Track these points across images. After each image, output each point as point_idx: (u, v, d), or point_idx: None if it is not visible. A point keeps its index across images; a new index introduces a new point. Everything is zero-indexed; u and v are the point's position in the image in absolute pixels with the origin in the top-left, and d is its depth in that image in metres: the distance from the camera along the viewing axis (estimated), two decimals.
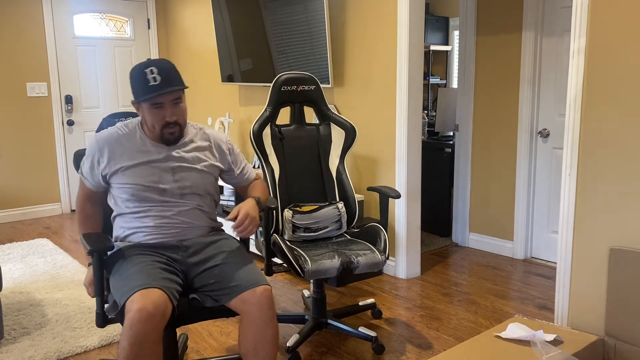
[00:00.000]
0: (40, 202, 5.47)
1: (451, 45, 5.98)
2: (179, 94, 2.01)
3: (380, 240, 2.61)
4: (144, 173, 2.04)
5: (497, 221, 4.07)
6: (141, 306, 1.75)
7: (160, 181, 2.06)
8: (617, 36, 1.96)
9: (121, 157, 2.04)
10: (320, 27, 3.80)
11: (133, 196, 2.04)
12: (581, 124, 2.13)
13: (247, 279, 1.97)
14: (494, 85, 3.96)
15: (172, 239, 2.09)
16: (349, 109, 3.87)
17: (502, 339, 1.93)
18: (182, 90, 2.01)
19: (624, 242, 1.99)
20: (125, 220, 2.11)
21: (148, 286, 1.82)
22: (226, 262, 2.04)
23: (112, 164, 2.04)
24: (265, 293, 1.93)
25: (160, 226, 2.07)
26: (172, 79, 1.97)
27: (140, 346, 1.76)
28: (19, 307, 3.16)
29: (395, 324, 2.93)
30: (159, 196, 2.05)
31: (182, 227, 2.11)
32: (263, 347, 1.94)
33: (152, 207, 2.06)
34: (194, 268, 2.06)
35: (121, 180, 2.04)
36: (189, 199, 2.11)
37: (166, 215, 2.07)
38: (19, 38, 5.20)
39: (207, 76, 5.45)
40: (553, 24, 3.63)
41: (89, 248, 1.91)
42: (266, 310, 1.93)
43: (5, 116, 5.21)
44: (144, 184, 2.03)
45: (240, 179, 2.32)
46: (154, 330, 1.78)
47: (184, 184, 2.09)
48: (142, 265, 1.94)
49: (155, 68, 1.95)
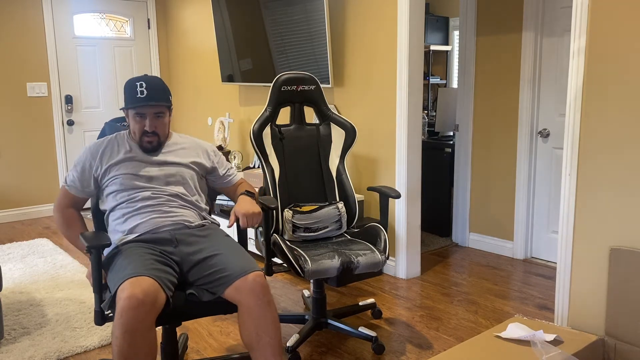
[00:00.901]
0: (40, 202, 5.47)
1: (451, 45, 5.98)
2: (161, 109, 2.23)
3: (380, 240, 2.61)
4: (132, 165, 2.23)
5: (497, 221, 4.07)
6: (130, 293, 1.76)
7: (147, 171, 2.24)
8: (617, 36, 1.96)
9: (111, 157, 2.24)
10: (320, 27, 3.80)
11: (122, 185, 2.19)
12: (581, 124, 2.13)
13: (238, 266, 1.99)
14: (494, 85, 3.96)
15: (165, 231, 2.14)
16: (349, 109, 3.87)
17: (502, 339, 1.93)
18: (164, 106, 2.23)
19: (624, 242, 1.99)
20: (117, 215, 2.18)
21: (138, 274, 1.84)
22: (217, 253, 2.07)
23: (103, 164, 2.23)
24: (256, 279, 1.95)
25: (151, 211, 2.16)
26: (157, 96, 2.20)
27: (132, 334, 1.76)
28: (19, 307, 3.17)
29: (395, 324, 2.93)
30: (147, 183, 2.21)
31: (173, 214, 2.18)
32: (265, 333, 1.95)
33: (140, 191, 2.19)
34: (188, 259, 2.08)
35: (111, 174, 2.21)
36: (176, 186, 2.26)
37: (155, 199, 2.19)
38: (19, 38, 5.20)
39: (207, 76, 5.45)
40: (553, 24, 3.63)
41: (87, 245, 1.96)
42: (261, 296, 1.94)
43: (5, 116, 5.21)
44: (131, 173, 2.21)
45: (225, 180, 2.46)
46: (145, 317, 1.78)
47: (169, 171, 2.26)
48: (135, 257, 1.98)
49: (145, 83, 2.19)
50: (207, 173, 2.42)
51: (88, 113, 5.67)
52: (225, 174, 2.46)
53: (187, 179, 2.29)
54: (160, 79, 2.27)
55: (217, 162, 2.43)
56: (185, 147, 2.37)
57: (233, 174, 2.49)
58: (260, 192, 2.80)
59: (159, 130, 2.25)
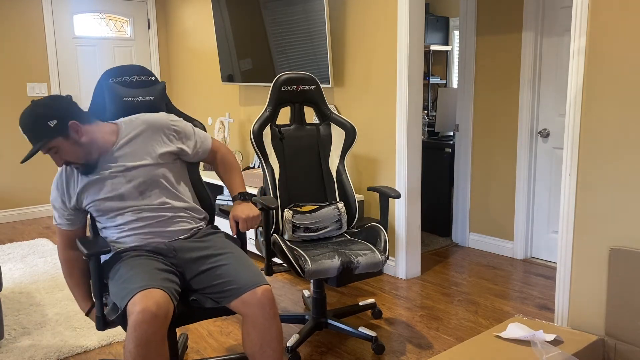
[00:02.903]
0: (40, 202, 5.47)
1: (451, 45, 5.98)
2: (46, 147, 1.91)
3: (380, 240, 2.61)
4: (98, 188, 2.04)
5: (497, 221, 4.07)
6: (144, 307, 1.75)
7: (115, 188, 2.04)
8: (617, 36, 1.96)
9: (75, 186, 2.05)
10: (320, 27, 3.80)
11: (99, 211, 2.06)
12: (581, 124, 2.13)
13: (247, 280, 1.96)
14: (494, 85, 3.96)
15: (160, 243, 2.07)
16: (349, 109, 3.87)
17: (502, 339, 1.93)
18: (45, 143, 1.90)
19: (624, 242, 1.99)
20: (107, 234, 2.11)
21: (149, 287, 1.81)
22: (224, 264, 2.03)
23: (72, 195, 2.06)
24: (266, 294, 1.93)
25: (137, 232, 2.06)
26: (34, 139, 1.90)
27: (146, 347, 1.75)
28: (19, 307, 3.17)
29: (395, 324, 2.93)
30: (120, 202, 2.05)
31: (163, 232, 2.09)
32: (269, 345, 1.94)
33: (119, 214, 2.06)
34: (189, 266, 2.04)
35: (84, 203, 2.06)
36: (152, 195, 2.08)
37: (137, 220, 2.06)
38: (19, 38, 5.20)
39: (207, 76, 5.45)
40: (553, 24, 3.63)
41: (86, 252, 1.91)
42: (268, 310, 1.93)
43: (6, 116, 5.21)
44: (100, 198, 2.04)
45: (197, 154, 2.23)
46: (158, 330, 1.77)
47: (137, 179, 2.05)
48: (141, 267, 1.94)
49: (21, 127, 1.91)
50: (177, 156, 2.18)
51: None
52: (194, 149, 2.20)
53: (160, 181, 2.09)
54: (30, 113, 1.89)
55: (179, 139, 2.15)
56: (140, 137, 2.09)
57: (202, 141, 2.23)
58: (260, 192, 2.80)
59: (71, 159, 1.97)
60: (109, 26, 5.75)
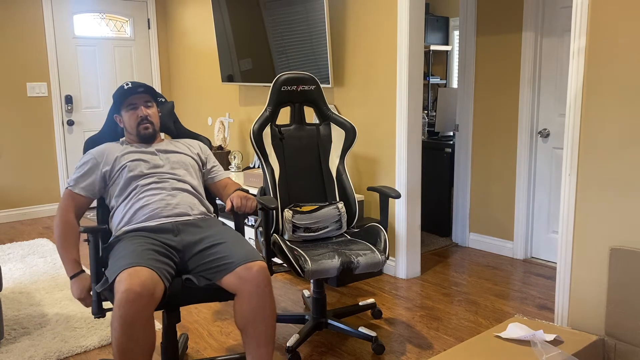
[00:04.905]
0: (40, 202, 5.47)
1: (451, 45, 5.98)
2: (148, 97, 2.37)
3: (380, 240, 2.61)
4: (135, 155, 2.32)
5: (497, 221, 4.07)
6: (128, 286, 1.77)
7: (150, 158, 2.33)
8: (617, 36, 1.96)
9: (114, 155, 2.31)
10: (320, 27, 3.80)
11: (130, 171, 2.25)
12: (581, 124, 2.13)
13: (241, 254, 1.99)
14: (494, 85, 3.96)
15: (166, 222, 2.16)
16: (349, 109, 3.88)
17: (502, 339, 1.93)
18: (150, 96, 2.38)
19: (624, 242, 1.99)
20: (121, 209, 2.22)
21: (135, 265, 1.85)
22: (221, 242, 2.08)
23: (109, 160, 2.29)
24: (261, 270, 1.95)
25: (154, 199, 2.20)
26: (143, 87, 2.35)
27: (131, 326, 1.78)
28: (19, 307, 3.17)
29: (395, 324, 2.93)
30: (152, 169, 2.29)
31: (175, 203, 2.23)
32: (262, 321, 1.96)
33: (145, 177, 2.26)
34: (189, 248, 2.10)
35: (118, 166, 2.27)
36: (180, 170, 2.34)
37: (160, 183, 2.26)
38: (19, 38, 5.20)
39: (207, 76, 5.45)
40: (553, 24, 3.63)
41: (83, 229, 2.04)
42: (262, 286, 1.94)
43: (5, 116, 5.21)
44: (138, 158, 2.30)
45: (210, 175, 2.52)
46: (143, 310, 1.79)
47: (173, 158, 2.37)
48: (135, 246, 1.99)
49: (130, 82, 2.34)
50: (202, 165, 2.50)
51: (88, 113, 5.67)
52: (211, 168, 2.52)
53: (189, 165, 2.39)
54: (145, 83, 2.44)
55: (206, 155, 2.53)
56: (180, 142, 2.49)
57: (219, 170, 2.55)
58: (260, 192, 2.80)
59: (152, 119, 2.36)
60: (109, 26, 5.75)
